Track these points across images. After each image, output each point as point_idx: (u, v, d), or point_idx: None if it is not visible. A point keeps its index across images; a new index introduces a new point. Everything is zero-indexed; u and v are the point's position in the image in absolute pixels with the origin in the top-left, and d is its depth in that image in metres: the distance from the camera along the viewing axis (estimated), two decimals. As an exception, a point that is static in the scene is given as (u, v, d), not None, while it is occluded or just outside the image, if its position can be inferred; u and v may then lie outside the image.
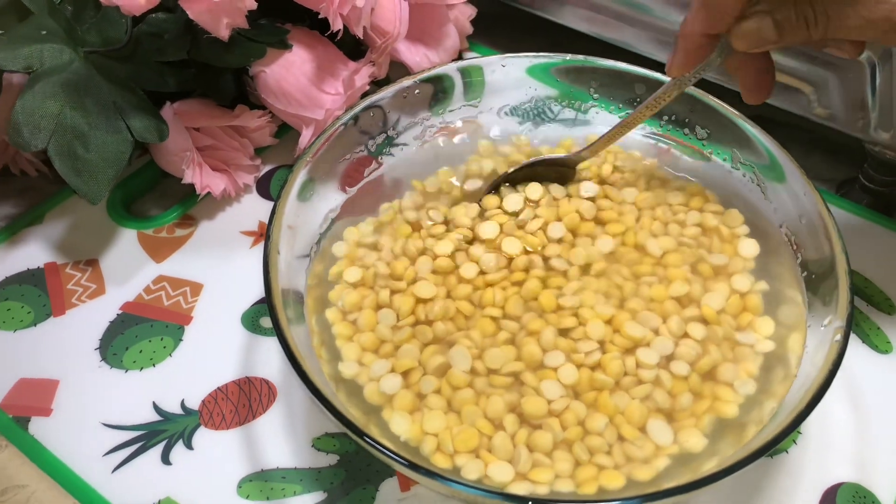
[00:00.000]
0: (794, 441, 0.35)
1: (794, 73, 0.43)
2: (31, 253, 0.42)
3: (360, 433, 0.27)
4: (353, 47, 0.45)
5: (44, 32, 0.39)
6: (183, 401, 0.36)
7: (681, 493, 0.26)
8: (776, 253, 0.36)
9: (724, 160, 0.39)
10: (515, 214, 0.38)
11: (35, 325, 0.39)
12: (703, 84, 0.41)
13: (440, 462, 0.30)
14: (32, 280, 0.40)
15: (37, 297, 0.40)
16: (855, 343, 0.38)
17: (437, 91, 0.41)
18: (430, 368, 0.32)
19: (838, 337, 0.30)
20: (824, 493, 0.33)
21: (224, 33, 0.38)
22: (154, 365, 0.37)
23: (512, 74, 0.41)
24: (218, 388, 0.36)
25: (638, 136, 0.41)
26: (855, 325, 0.39)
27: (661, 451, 0.30)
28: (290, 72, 0.42)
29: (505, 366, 0.32)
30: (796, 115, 0.44)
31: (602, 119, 0.42)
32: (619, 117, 0.41)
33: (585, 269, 0.36)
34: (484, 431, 0.30)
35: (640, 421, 0.31)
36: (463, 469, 0.30)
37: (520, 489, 0.29)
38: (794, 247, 0.35)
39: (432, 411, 0.31)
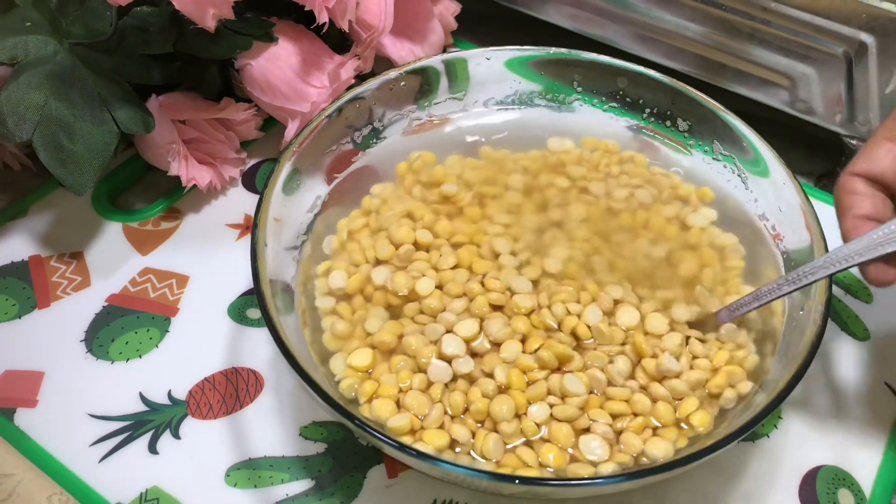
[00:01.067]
0: (775, 426, 0.35)
1: (773, 68, 0.44)
2: (16, 246, 0.41)
3: (352, 418, 0.28)
4: (338, 41, 0.45)
5: (28, 24, 0.39)
6: (170, 391, 0.36)
7: (661, 472, 0.27)
8: (757, 243, 0.37)
9: (705, 152, 0.40)
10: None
11: (20, 317, 0.38)
12: (683, 77, 0.42)
13: (379, 409, 0.31)
14: (17, 273, 0.40)
15: (21, 289, 0.40)
16: (833, 330, 0.39)
17: (423, 84, 0.41)
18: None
19: (817, 321, 0.30)
20: (804, 475, 0.34)
21: (210, 24, 0.38)
22: (140, 356, 0.37)
23: (496, 68, 0.42)
24: (205, 378, 0.36)
25: (622, 127, 0.42)
26: (834, 313, 0.40)
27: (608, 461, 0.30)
28: (276, 65, 0.43)
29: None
30: (775, 110, 0.45)
31: (586, 111, 0.42)
32: (603, 111, 0.42)
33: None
34: (402, 384, 0.32)
35: (566, 441, 0.30)
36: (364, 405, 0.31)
37: (422, 447, 0.30)
38: (775, 235, 0.36)
39: (363, 349, 0.33)
